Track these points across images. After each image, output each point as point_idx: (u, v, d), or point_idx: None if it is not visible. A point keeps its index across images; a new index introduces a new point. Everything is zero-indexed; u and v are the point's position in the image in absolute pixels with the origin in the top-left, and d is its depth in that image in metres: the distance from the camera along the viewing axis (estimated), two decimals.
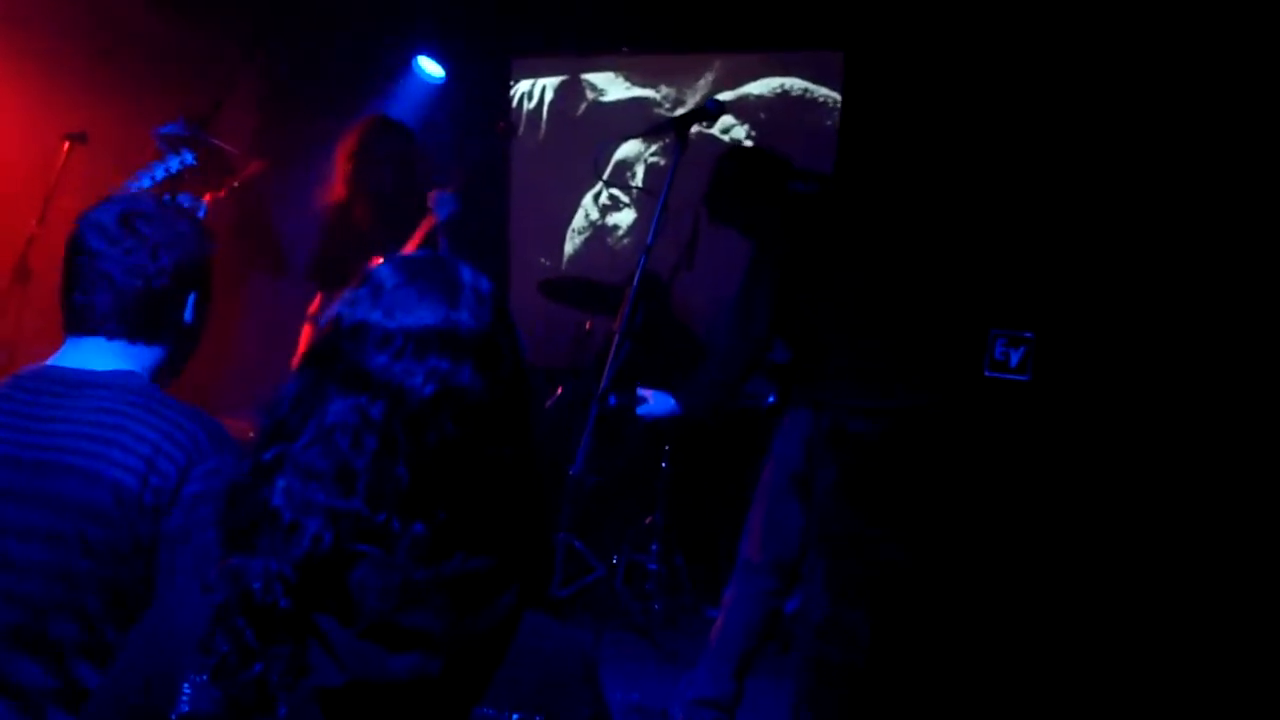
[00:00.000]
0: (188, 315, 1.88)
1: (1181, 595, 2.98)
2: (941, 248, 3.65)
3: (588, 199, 6.66)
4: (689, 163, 5.78)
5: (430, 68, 5.78)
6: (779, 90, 6.00)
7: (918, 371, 3.33)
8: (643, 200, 6.25)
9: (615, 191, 6.40)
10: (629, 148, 6.36)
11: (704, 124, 4.55)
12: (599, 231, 6.58)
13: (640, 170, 6.39)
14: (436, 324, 1.15)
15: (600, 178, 3.78)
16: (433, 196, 4.27)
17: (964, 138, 4.45)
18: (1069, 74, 4.04)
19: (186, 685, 1.12)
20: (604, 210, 6.59)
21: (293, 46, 5.71)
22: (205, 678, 1.11)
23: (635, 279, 3.17)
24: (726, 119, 5.98)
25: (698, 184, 5.77)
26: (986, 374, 3.39)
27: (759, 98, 6.06)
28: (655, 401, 3.76)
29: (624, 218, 6.53)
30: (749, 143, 5.98)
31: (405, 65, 5.82)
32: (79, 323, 1.80)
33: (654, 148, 6.22)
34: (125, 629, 1.63)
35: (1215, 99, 3.59)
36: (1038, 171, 4.07)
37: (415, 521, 1.10)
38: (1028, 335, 3.33)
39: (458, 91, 6.14)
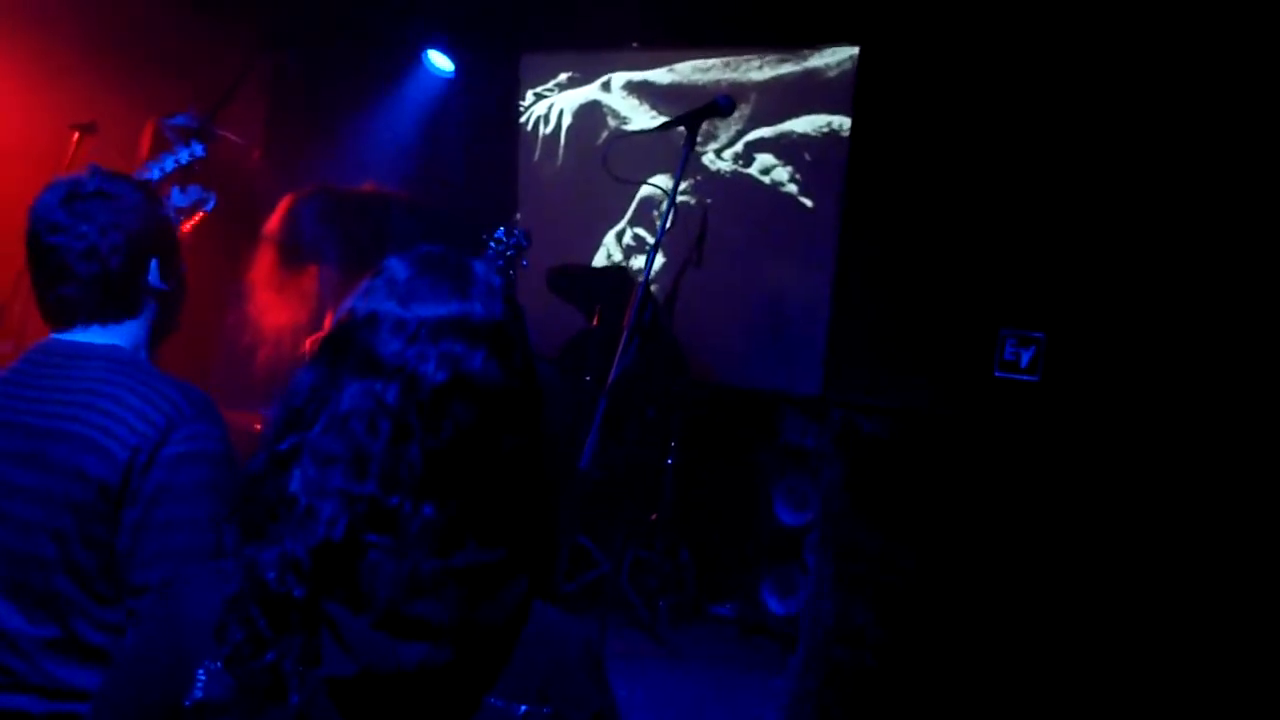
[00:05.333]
0: (155, 281, 1.89)
1: (1194, 598, 2.96)
2: (952, 247, 3.64)
3: (609, 237, 6.25)
4: (727, 200, 5.67)
5: (440, 61, 5.78)
6: (825, 129, 5.50)
7: (928, 372, 3.32)
8: (669, 243, 5.87)
9: (640, 231, 6.04)
10: (664, 210, 5.90)
11: (715, 121, 4.50)
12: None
13: (671, 216, 5.99)
14: (450, 313, 1.16)
15: (609, 171, 3.75)
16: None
17: (975, 137, 4.44)
18: (1081, 76, 4.03)
19: (201, 672, 1.13)
20: (628, 251, 6.15)
21: (303, 39, 5.70)
22: (219, 665, 1.12)
23: (644, 275, 3.15)
24: (767, 158, 5.67)
25: (709, 182, 5.72)
26: (996, 374, 3.37)
27: (802, 135, 5.58)
28: None
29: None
30: (793, 186, 5.60)
31: (415, 59, 5.82)
32: (56, 318, 1.86)
33: (683, 185, 5.86)
34: (115, 584, 1.69)
35: (1230, 107, 3.58)
36: (1049, 171, 4.05)
37: (425, 505, 1.11)
38: (1038, 335, 3.31)
39: (468, 86, 6.13)
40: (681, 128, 3.21)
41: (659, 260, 5.77)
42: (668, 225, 3.22)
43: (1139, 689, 2.99)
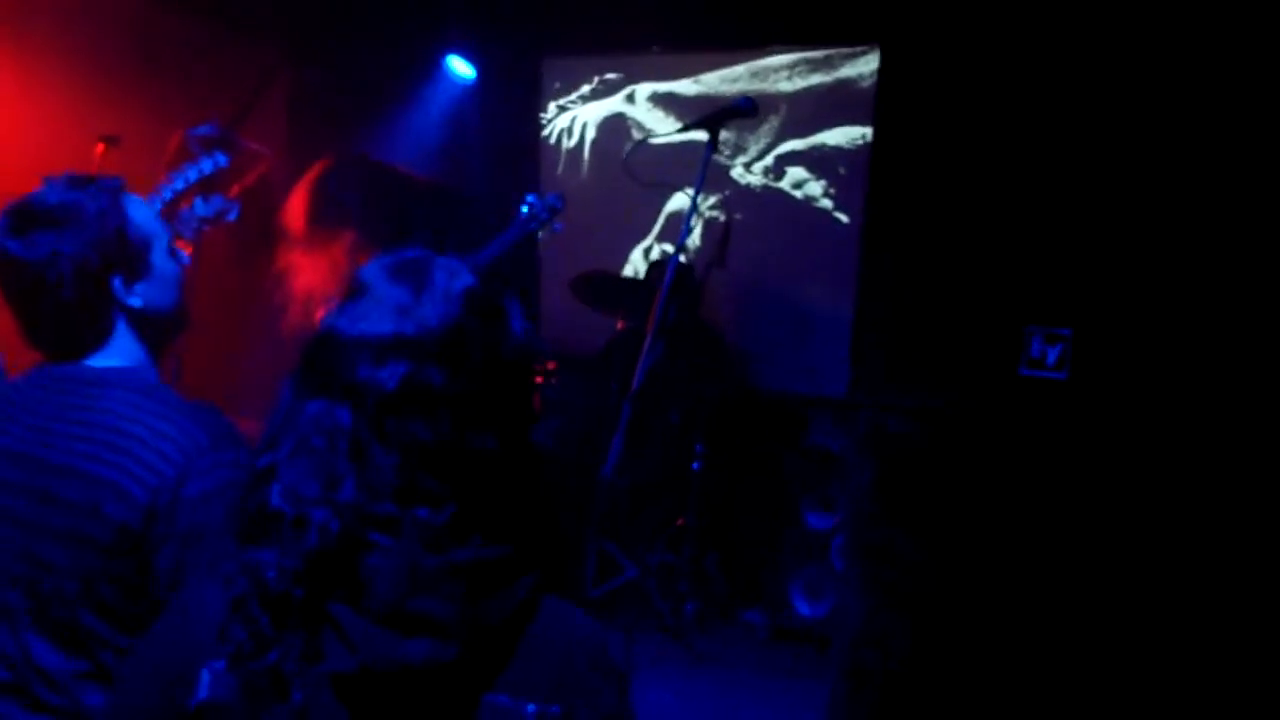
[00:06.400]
0: (124, 299, 1.78)
1: (1234, 599, 2.92)
2: (977, 243, 3.61)
3: (636, 253, 6.13)
4: (759, 215, 5.62)
5: (460, 68, 5.79)
6: (859, 141, 5.41)
7: (955, 370, 3.30)
8: (695, 259, 5.75)
9: (668, 247, 5.90)
10: (681, 199, 5.84)
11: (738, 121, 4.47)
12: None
13: (698, 226, 5.89)
14: (395, 330, 1.18)
15: (632, 176, 3.74)
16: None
17: (1000, 131, 4.41)
18: (1107, 68, 4.00)
19: (206, 672, 1.15)
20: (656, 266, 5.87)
21: (324, 48, 5.73)
22: (224, 665, 1.14)
23: (667, 278, 3.14)
24: (800, 172, 5.60)
25: (739, 196, 5.67)
26: (1022, 372, 3.34)
27: (835, 148, 5.50)
28: None
29: (690, 282, 5.93)
30: (827, 201, 5.51)
31: (436, 65, 5.84)
32: (39, 348, 1.79)
33: (711, 200, 5.79)
34: (146, 621, 1.64)
35: (1263, 104, 3.55)
36: (1075, 164, 4.02)
37: (416, 508, 1.13)
38: (1064, 332, 3.28)
39: (489, 92, 6.13)
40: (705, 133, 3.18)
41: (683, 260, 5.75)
42: (690, 226, 3.21)
43: (1175, 695, 2.95)
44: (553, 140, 6.31)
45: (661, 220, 6.05)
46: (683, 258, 5.09)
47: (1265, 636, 2.89)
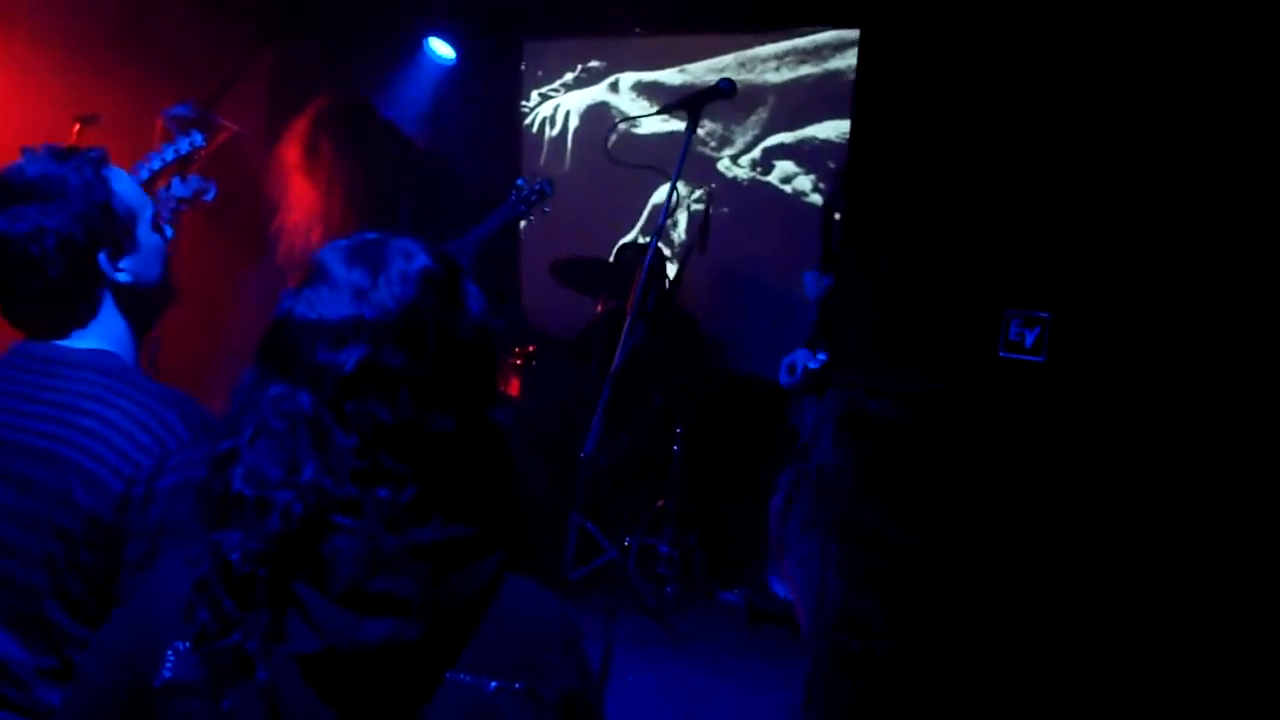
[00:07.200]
0: (110, 274, 1.73)
1: (1207, 587, 2.94)
2: (955, 225, 3.61)
3: (620, 246, 6.06)
4: (746, 209, 5.57)
5: (441, 49, 5.76)
6: (848, 135, 5.13)
7: (932, 352, 3.30)
8: (679, 248, 5.77)
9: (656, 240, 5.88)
10: (666, 192, 5.70)
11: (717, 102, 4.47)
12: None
13: (683, 218, 5.93)
14: (353, 313, 1.19)
15: (612, 157, 3.74)
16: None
17: (979, 113, 4.41)
18: (1090, 47, 3.99)
19: (170, 653, 1.16)
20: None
21: (303, 28, 5.69)
22: (188, 646, 1.15)
23: (647, 261, 3.14)
24: (789, 165, 5.55)
25: (725, 189, 5.61)
26: (1001, 355, 3.35)
27: (825, 141, 5.45)
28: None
29: (667, 269, 5.89)
30: (817, 196, 5.39)
31: (416, 47, 5.81)
32: (20, 328, 1.74)
33: (697, 193, 5.79)
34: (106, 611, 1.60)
35: (1250, 82, 3.55)
36: (1054, 142, 4.02)
37: (377, 489, 1.14)
38: (1043, 315, 3.29)
39: (469, 75, 6.09)
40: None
41: (667, 251, 5.74)
42: (672, 206, 3.22)
43: (1157, 681, 2.98)
44: (534, 129, 6.26)
45: (646, 212, 6.04)
46: (663, 244, 5.10)
47: (1244, 611, 2.91)
